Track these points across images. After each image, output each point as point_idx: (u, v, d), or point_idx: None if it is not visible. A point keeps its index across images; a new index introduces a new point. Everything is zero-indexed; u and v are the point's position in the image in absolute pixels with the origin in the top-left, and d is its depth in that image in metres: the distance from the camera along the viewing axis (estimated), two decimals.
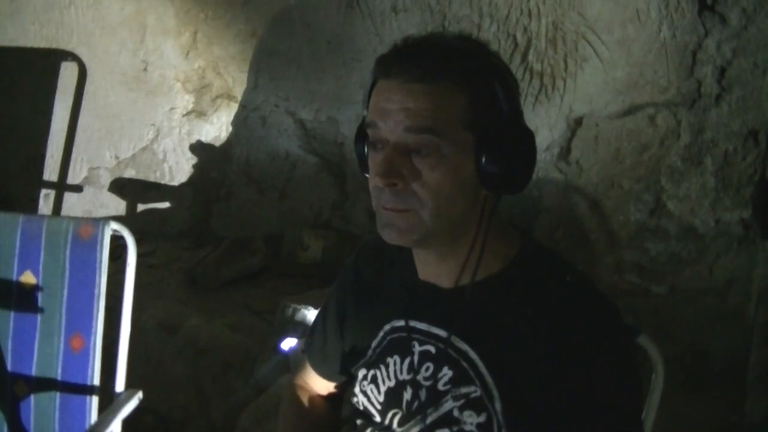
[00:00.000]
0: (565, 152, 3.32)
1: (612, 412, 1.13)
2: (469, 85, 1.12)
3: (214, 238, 4.10)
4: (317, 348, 1.52)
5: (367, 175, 1.24)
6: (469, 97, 1.12)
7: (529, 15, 3.28)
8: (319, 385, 1.56)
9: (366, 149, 1.24)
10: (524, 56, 3.31)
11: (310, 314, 2.93)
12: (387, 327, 1.32)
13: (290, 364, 2.77)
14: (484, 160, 1.13)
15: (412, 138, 1.12)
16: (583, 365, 1.12)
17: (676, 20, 2.99)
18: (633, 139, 3.17)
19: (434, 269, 1.26)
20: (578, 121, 3.29)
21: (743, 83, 2.95)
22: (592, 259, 3.24)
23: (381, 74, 1.17)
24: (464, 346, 1.21)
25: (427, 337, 1.26)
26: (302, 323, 2.94)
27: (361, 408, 1.35)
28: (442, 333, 1.24)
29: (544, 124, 3.32)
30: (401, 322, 1.29)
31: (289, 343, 2.82)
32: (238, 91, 4.18)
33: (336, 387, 1.55)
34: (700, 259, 3.08)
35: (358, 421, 1.37)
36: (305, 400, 1.54)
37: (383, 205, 1.16)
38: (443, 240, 1.19)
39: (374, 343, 1.34)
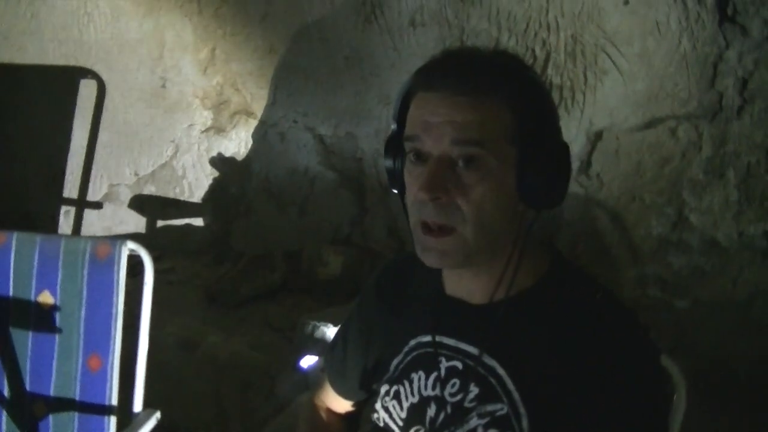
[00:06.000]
0: (586, 166, 3.30)
1: None
2: (515, 99, 1.12)
3: (234, 255, 4.10)
4: (336, 365, 1.50)
5: (395, 191, 1.23)
6: (513, 111, 1.12)
7: (548, 28, 3.27)
8: (337, 403, 1.54)
9: (396, 164, 1.23)
10: (543, 70, 3.29)
11: (330, 331, 2.92)
12: (413, 342, 1.30)
13: (309, 382, 2.75)
14: (527, 175, 1.12)
15: (457, 151, 1.11)
16: (612, 386, 1.10)
17: (696, 32, 2.96)
18: (654, 152, 3.14)
19: (465, 285, 1.25)
20: (598, 135, 3.27)
21: (765, 95, 2.92)
22: (614, 273, 3.21)
23: (422, 86, 1.15)
24: (492, 363, 1.19)
25: (455, 353, 1.24)
26: (322, 340, 2.93)
27: (382, 424, 1.33)
28: (471, 349, 1.22)
29: (564, 137, 3.28)
30: (428, 338, 1.27)
31: (308, 361, 2.81)
32: (257, 107, 4.19)
33: (353, 405, 1.53)
34: (723, 272, 3.05)
35: None
36: (321, 419, 1.53)
37: (425, 218, 1.14)
38: (482, 257, 1.18)
39: (398, 359, 1.32)
